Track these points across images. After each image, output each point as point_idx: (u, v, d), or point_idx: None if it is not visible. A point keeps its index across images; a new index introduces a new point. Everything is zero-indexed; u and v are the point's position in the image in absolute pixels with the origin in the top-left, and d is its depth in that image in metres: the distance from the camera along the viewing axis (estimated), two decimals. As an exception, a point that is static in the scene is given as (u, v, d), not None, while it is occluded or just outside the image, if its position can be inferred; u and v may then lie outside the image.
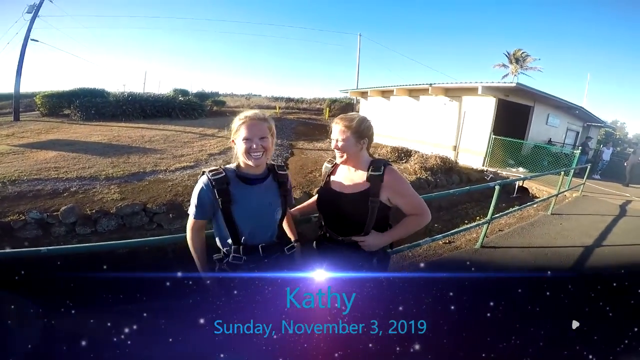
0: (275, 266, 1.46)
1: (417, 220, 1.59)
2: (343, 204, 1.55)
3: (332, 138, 1.56)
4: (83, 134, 10.51)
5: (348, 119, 1.53)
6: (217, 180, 1.35)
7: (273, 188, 1.48)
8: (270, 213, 1.46)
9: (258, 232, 1.43)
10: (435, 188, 8.32)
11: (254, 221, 1.41)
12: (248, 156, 1.35)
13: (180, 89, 22.90)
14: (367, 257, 1.59)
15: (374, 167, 1.51)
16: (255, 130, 1.35)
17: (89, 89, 16.00)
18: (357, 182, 1.54)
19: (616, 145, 27.53)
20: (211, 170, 1.38)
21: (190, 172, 7.12)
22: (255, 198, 1.41)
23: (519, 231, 4.67)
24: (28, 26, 14.12)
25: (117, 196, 5.56)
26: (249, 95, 31.26)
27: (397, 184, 1.52)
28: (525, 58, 30.92)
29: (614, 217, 5.90)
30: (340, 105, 23.18)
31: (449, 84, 11.59)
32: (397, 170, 1.56)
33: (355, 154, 1.53)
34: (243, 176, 1.41)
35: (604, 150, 12.74)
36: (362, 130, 1.52)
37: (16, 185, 5.68)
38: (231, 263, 1.39)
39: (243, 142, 1.34)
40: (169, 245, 5.07)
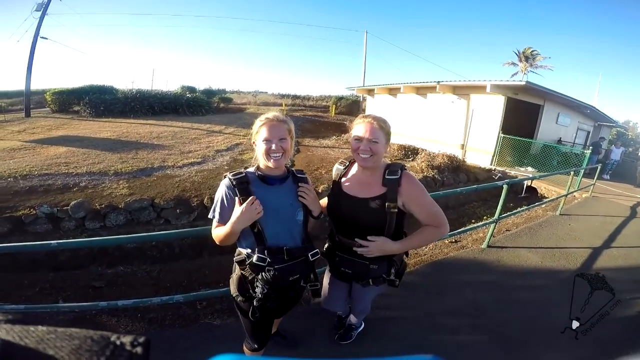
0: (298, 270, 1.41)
1: (435, 232, 1.49)
2: (358, 210, 1.47)
3: (358, 136, 1.44)
4: (92, 130, 10.65)
5: (381, 119, 1.45)
6: (238, 179, 1.36)
7: (293, 190, 1.47)
8: (291, 213, 1.43)
9: (281, 234, 1.41)
10: (442, 187, 8.26)
11: (277, 221, 1.39)
12: (268, 157, 1.36)
13: (188, 86, 23.10)
14: (386, 269, 1.53)
15: (390, 171, 1.45)
16: (274, 132, 1.36)
17: (98, 86, 16.22)
18: (373, 186, 1.47)
19: (628, 146, 27.01)
20: (232, 172, 1.40)
21: (198, 168, 7.17)
22: (275, 198, 1.40)
23: (526, 231, 4.62)
24: (37, 24, 14.32)
25: (125, 191, 5.63)
26: (256, 92, 31.29)
27: (413, 190, 1.44)
28: (535, 56, 30.46)
29: (624, 218, 5.81)
30: (346, 102, 23.10)
31: (457, 82, 11.47)
32: (414, 176, 1.49)
33: (382, 157, 1.46)
34: (263, 177, 1.42)
35: (612, 149, 12.50)
36: (390, 133, 1.47)
37: (27, 180, 5.78)
38: (255, 264, 1.34)
39: (263, 143, 1.35)
40: (175, 240, 5.15)
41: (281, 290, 1.39)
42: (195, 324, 2.37)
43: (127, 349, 0.24)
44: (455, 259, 3.61)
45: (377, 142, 1.40)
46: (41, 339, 0.22)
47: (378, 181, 1.46)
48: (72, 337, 0.23)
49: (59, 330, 0.24)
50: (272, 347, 2.03)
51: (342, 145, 11.52)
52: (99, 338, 0.24)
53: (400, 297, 2.72)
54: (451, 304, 2.75)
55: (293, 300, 1.61)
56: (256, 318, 1.43)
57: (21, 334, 0.23)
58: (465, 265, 3.48)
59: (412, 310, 2.62)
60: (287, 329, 2.20)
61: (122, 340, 0.25)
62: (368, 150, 1.41)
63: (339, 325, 2.26)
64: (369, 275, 1.55)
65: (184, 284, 3.93)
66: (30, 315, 2.40)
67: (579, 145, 13.84)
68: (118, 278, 4.07)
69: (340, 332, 2.21)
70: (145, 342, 0.26)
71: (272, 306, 1.42)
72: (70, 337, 0.23)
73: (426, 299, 2.79)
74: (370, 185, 1.48)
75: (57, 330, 0.24)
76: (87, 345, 0.23)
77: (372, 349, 2.17)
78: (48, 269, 4.28)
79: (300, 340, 2.19)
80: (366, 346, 2.19)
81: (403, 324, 2.44)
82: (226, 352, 0.34)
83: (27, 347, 0.22)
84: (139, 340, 0.25)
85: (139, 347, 0.25)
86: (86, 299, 3.27)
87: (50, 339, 0.23)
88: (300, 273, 1.42)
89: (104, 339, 0.24)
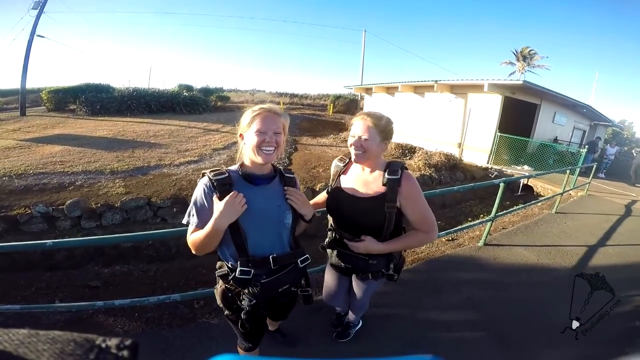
0: (287, 279, 1.30)
1: (423, 238, 1.49)
2: (357, 208, 1.47)
3: (353, 134, 1.44)
4: (88, 129, 10.57)
5: (377, 117, 1.44)
6: (220, 180, 1.20)
7: (281, 190, 1.33)
8: (279, 216, 1.29)
9: (267, 240, 1.27)
10: (439, 185, 8.28)
11: (262, 226, 1.25)
12: (258, 151, 1.21)
13: (185, 85, 23.02)
14: (385, 264, 1.55)
15: (390, 170, 1.43)
16: (270, 124, 1.21)
17: (95, 84, 16.15)
18: (372, 185, 1.46)
19: (623, 145, 27.22)
20: (212, 171, 1.24)
21: (195, 166, 7.14)
22: (261, 199, 1.25)
23: (522, 229, 4.64)
24: (34, 22, 14.18)
25: (121, 190, 5.59)
26: (254, 90, 31.25)
27: (412, 191, 1.43)
28: (532, 56, 30.62)
29: (619, 216, 5.85)
30: (344, 101, 23.13)
31: (454, 81, 11.49)
32: (414, 177, 1.48)
33: (376, 155, 1.45)
34: (247, 175, 1.28)
35: (607, 149, 12.66)
36: (388, 131, 1.46)
37: (22, 179, 5.73)
38: (238, 278, 1.21)
39: (255, 135, 1.20)
40: (171, 239, 5.13)
41: (270, 300, 1.31)
42: (192, 324, 2.36)
43: (112, 352, 0.23)
44: (452, 256, 3.62)
45: (368, 139, 1.40)
46: (21, 342, 0.22)
47: (378, 180, 1.45)
48: (54, 341, 0.22)
49: (41, 334, 0.23)
50: (271, 344, 2.03)
51: (340, 144, 11.51)
52: (83, 341, 0.23)
53: (398, 294, 2.73)
54: (448, 301, 2.76)
55: (284, 305, 1.54)
56: (246, 329, 1.36)
57: (0, 338, 0.22)
58: (462, 263, 3.49)
59: (409, 308, 2.62)
60: (285, 326, 2.19)
61: (108, 343, 0.24)
62: (360, 147, 1.41)
63: (337, 323, 2.27)
64: (368, 269, 1.57)
65: (181, 283, 3.91)
66: (26, 316, 2.39)
67: (575, 144, 13.92)
68: (114, 277, 4.04)
69: (339, 330, 2.22)
70: (132, 345, 0.25)
71: (262, 314, 1.35)
72: (52, 340, 0.22)
73: (423, 297, 2.80)
74: (369, 184, 1.47)
75: (38, 333, 0.23)
76: (70, 348, 0.22)
77: (370, 347, 2.17)
78: (44, 268, 4.25)
79: (299, 337, 2.19)
80: (364, 344, 2.19)
81: (400, 322, 2.45)
82: (224, 352, 0.34)
83: (5, 352, 0.21)
84: (126, 343, 0.25)
85: (125, 350, 0.24)
86: (83, 299, 3.25)
87: (32, 342, 0.22)
88: (289, 283, 1.32)
89: (88, 342, 0.23)
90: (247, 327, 1.35)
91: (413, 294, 2.82)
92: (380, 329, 2.35)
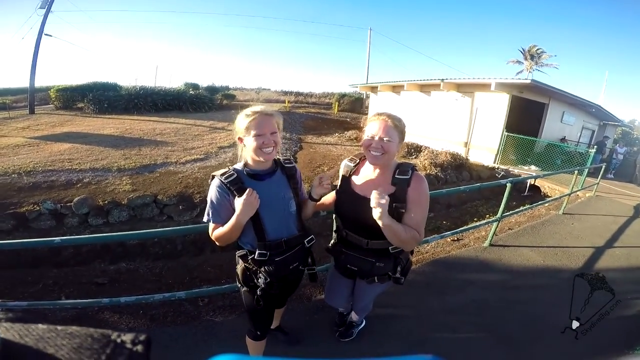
0: (297, 258, 1.50)
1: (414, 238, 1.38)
2: (365, 209, 1.39)
3: (370, 134, 1.41)
4: (96, 127, 10.68)
5: (396, 117, 1.41)
6: (231, 181, 1.34)
7: (283, 181, 1.48)
8: (285, 205, 1.45)
9: (278, 226, 1.43)
10: (445, 184, 8.24)
11: (273, 215, 1.41)
12: (260, 152, 1.33)
13: (191, 83, 23.11)
14: (392, 266, 1.53)
15: (400, 171, 1.42)
16: (266, 126, 1.33)
17: (102, 82, 16.27)
18: (381, 185, 1.42)
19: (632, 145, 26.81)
20: (222, 174, 1.37)
21: (201, 164, 7.18)
22: (268, 192, 1.39)
23: (529, 230, 4.60)
24: (41, 21, 14.31)
25: (128, 187, 5.65)
26: (259, 89, 31.21)
27: (420, 193, 1.41)
28: (540, 54, 30.26)
29: (627, 218, 5.77)
30: (349, 100, 23.05)
31: (461, 80, 11.40)
32: (424, 179, 1.46)
33: (394, 156, 1.43)
34: (252, 173, 1.42)
35: (616, 149, 12.47)
36: (404, 132, 1.44)
37: (31, 176, 5.82)
38: (257, 260, 1.40)
39: (254, 139, 1.32)
40: (178, 237, 5.16)
41: (282, 278, 1.47)
42: (196, 321, 2.38)
43: (127, 346, 0.24)
44: (457, 257, 3.60)
45: (390, 140, 1.37)
46: (41, 337, 0.22)
47: (387, 180, 1.43)
48: (72, 336, 0.23)
49: (59, 329, 0.24)
50: (274, 342, 2.04)
51: (345, 143, 11.50)
52: (100, 336, 0.24)
53: (402, 295, 2.72)
54: (453, 302, 2.75)
55: (293, 283, 1.68)
56: (260, 305, 1.49)
57: (21, 333, 0.23)
58: (467, 264, 3.48)
59: (413, 309, 2.62)
60: (288, 325, 2.20)
61: (123, 338, 0.25)
62: (380, 148, 1.38)
63: (340, 322, 2.26)
64: (375, 272, 1.54)
65: (186, 281, 3.94)
66: (33, 312, 2.42)
67: (583, 144, 13.75)
68: (120, 275, 4.09)
69: (341, 330, 2.22)
70: (146, 340, 0.25)
71: (275, 292, 1.48)
72: (70, 335, 0.23)
73: (427, 297, 2.79)
74: (379, 185, 1.42)
75: (57, 328, 0.24)
76: (88, 343, 0.23)
77: (372, 347, 2.17)
78: (51, 265, 4.31)
79: (301, 336, 2.20)
80: (367, 344, 2.19)
81: (404, 322, 2.44)
82: (227, 350, 0.34)
83: (26, 346, 0.22)
84: (140, 338, 0.25)
85: (139, 345, 0.25)
86: (89, 296, 3.29)
87: (51, 337, 0.23)
88: (298, 260, 1.52)
89: (104, 337, 0.24)
90: (262, 303, 1.48)
91: (417, 295, 2.81)
92: (383, 329, 2.35)
